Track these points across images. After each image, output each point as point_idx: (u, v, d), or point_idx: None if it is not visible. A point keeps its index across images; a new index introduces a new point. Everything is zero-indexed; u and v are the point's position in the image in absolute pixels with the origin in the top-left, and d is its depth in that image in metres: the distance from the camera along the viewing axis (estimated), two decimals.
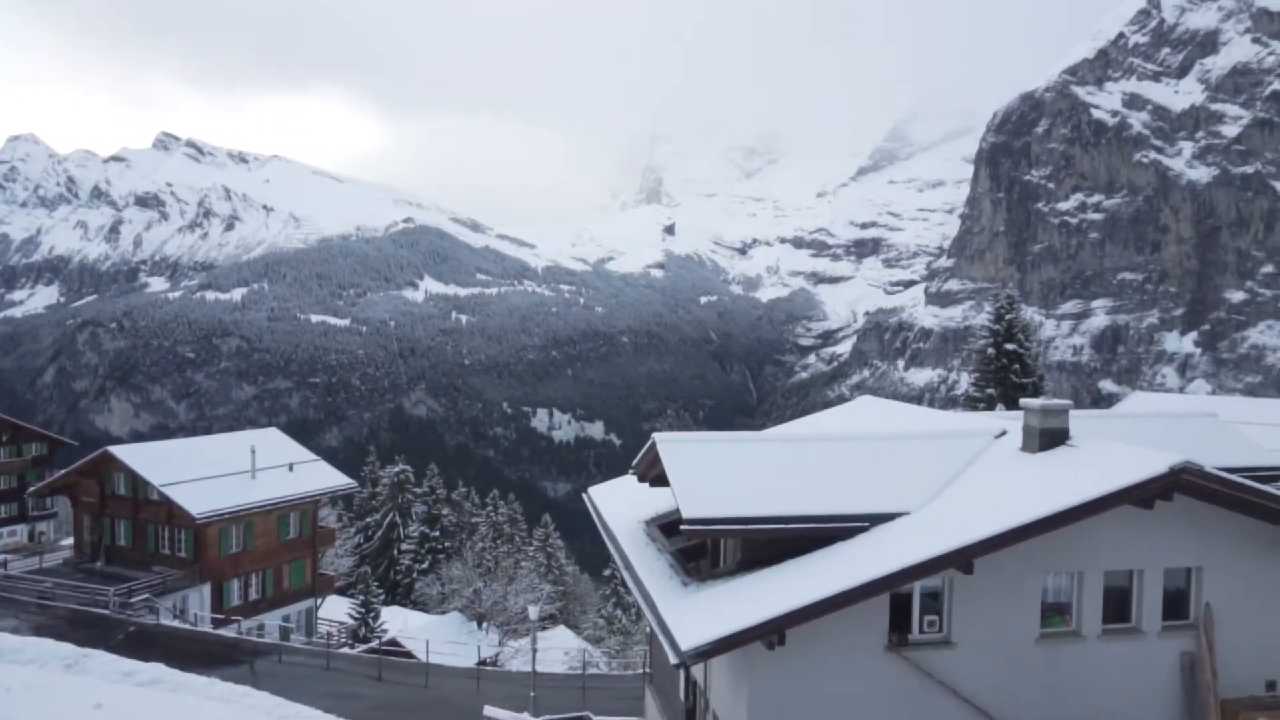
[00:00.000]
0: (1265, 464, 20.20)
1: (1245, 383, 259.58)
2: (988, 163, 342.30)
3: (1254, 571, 15.85)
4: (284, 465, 52.67)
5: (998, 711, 15.22)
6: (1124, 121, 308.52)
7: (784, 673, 14.83)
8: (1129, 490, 14.39)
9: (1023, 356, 47.82)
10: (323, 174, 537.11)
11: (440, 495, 78.15)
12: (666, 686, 22.74)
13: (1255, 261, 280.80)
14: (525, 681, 35.94)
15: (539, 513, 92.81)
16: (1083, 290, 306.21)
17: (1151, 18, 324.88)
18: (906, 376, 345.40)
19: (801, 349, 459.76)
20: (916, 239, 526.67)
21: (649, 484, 20.18)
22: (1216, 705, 15.50)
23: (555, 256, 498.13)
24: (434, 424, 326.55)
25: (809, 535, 16.27)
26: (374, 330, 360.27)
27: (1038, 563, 15.29)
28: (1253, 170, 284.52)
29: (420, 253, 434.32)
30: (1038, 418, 17.15)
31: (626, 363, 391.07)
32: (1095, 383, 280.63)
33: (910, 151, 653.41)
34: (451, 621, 55.01)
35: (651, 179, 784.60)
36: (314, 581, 54.71)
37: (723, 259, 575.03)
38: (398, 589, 73.46)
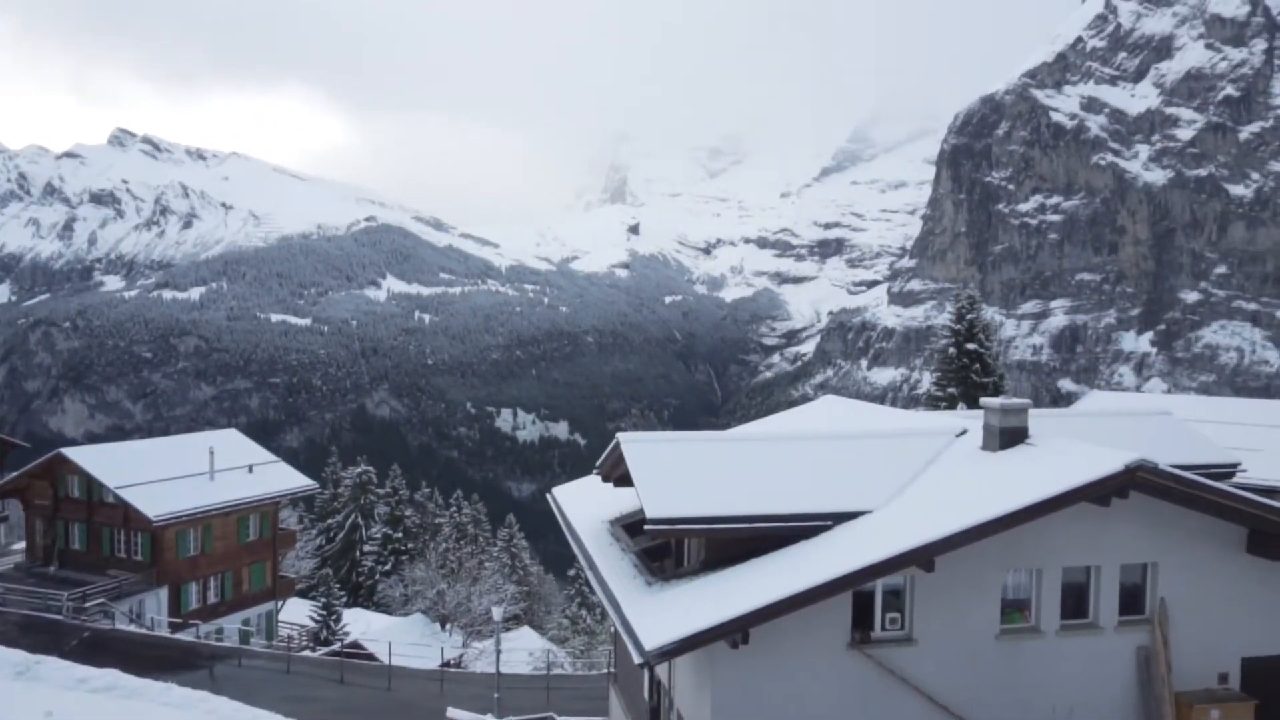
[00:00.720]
0: (1218, 461, 20.59)
1: (1199, 381, 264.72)
2: (949, 164, 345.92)
3: (1207, 567, 16.12)
4: (243, 467, 52.02)
5: (959, 707, 15.36)
6: (1082, 124, 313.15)
7: (747, 671, 14.86)
8: (1086, 488, 14.58)
9: (983, 356, 48.33)
10: (283, 171, 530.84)
11: (403, 496, 77.50)
12: (631, 686, 22.72)
13: (1209, 263, 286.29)
14: (489, 683, 35.76)
15: (503, 513, 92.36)
16: (1042, 291, 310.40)
17: (1108, 22, 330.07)
18: (870, 376, 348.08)
19: (766, 348, 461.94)
20: (879, 239, 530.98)
21: (613, 484, 20.15)
22: (1171, 698, 15.75)
23: (519, 256, 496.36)
24: (397, 424, 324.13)
25: (772, 534, 16.33)
26: (336, 330, 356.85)
27: (998, 560, 15.44)
28: (1206, 173, 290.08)
29: (383, 252, 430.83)
30: (997, 417, 17.33)
31: (591, 362, 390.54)
32: (1054, 382, 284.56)
33: (873, 153, 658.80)
34: (414, 623, 54.55)
35: (616, 179, 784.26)
36: (274, 584, 54.08)
37: (687, 259, 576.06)
38: (360, 591, 72.76)
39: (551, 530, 23.64)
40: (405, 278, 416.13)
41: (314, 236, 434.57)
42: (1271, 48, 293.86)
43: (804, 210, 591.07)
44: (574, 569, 70.08)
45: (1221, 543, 16.03)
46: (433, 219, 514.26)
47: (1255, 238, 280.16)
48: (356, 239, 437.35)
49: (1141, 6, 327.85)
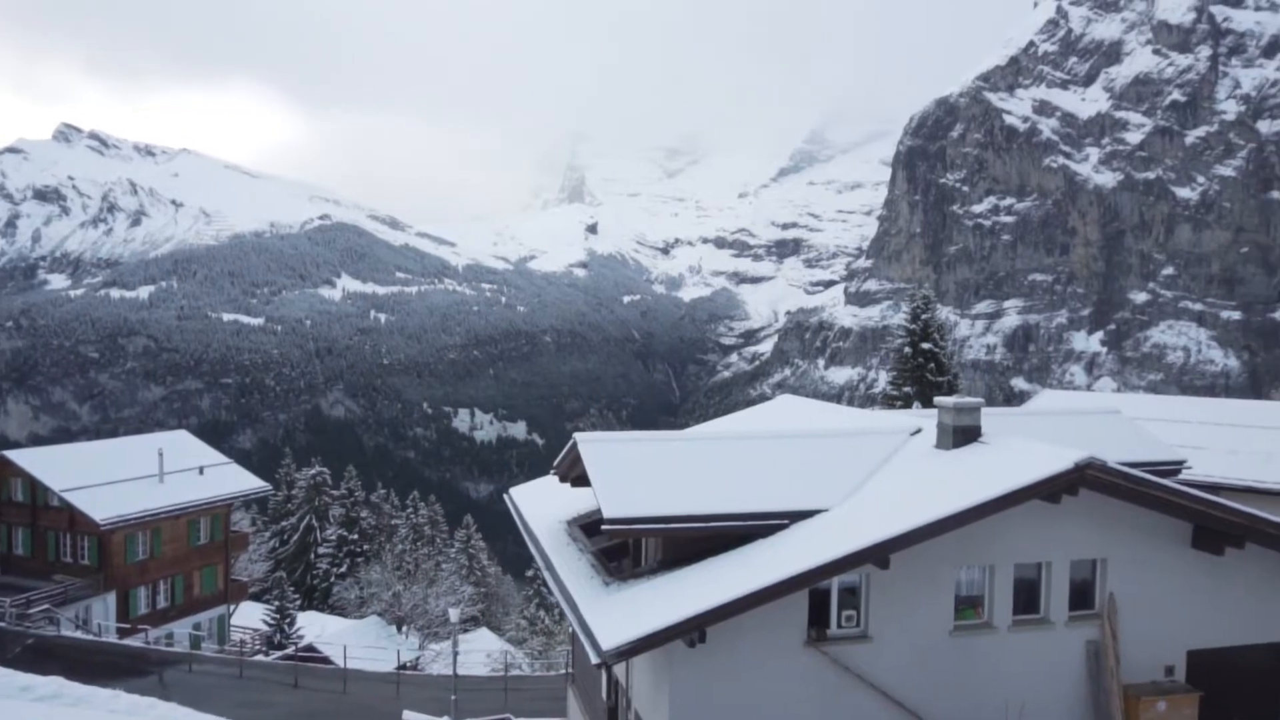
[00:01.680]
0: (1165, 459, 20.98)
1: (1148, 380, 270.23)
2: (904, 166, 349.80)
3: (1154, 562, 16.41)
4: (194, 469, 51.18)
5: (913, 703, 15.49)
6: (1034, 127, 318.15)
7: (705, 670, 14.87)
8: (1037, 486, 14.76)
9: (938, 355, 48.90)
10: (235, 169, 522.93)
11: (358, 497, 76.73)
12: (589, 686, 22.67)
13: (1157, 264, 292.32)
14: (446, 685, 35.49)
15: (460, 514, 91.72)
16: (996, 291, 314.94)
17: (1060, 27, 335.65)
18: (827, 375, 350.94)
19: (724, 348, 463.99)
20: (836, 240, 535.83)
21: (570, 484, 20.08)
22: (1119, 691, 16.02)
23: (476, 255, 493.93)
24: (352, 425, 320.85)
25: (730, 533, 16.36)
26: (289, 329, 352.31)
27: (951, 557, 15.59)
28: (1154, 176, 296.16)
29: (337, 250, 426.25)
30: (951, 416, 17.50)
31: (549, 362, 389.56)
32: (1008, 380, 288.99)
33: (829, 154, 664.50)
34: (370, 626, 54.00)
35: (574, 178, 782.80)
36: (226, 588, 53.28)
37: (645, 258, 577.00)
38: (314, 593, 71.92)
39: (509, 531, 23.52)
40: (360, 277, 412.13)
41: (267, 235, 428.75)
42: (1216, 54, 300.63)
43: (761, 211, 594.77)
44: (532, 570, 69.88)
45: (1168, 538, 16.32)
46: (388, 217, 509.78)
47: (1201, 240, 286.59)
48: (310, 237, 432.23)
49: (1091, 12, 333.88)
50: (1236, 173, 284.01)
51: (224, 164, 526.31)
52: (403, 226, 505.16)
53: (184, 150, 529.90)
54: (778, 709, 15.15)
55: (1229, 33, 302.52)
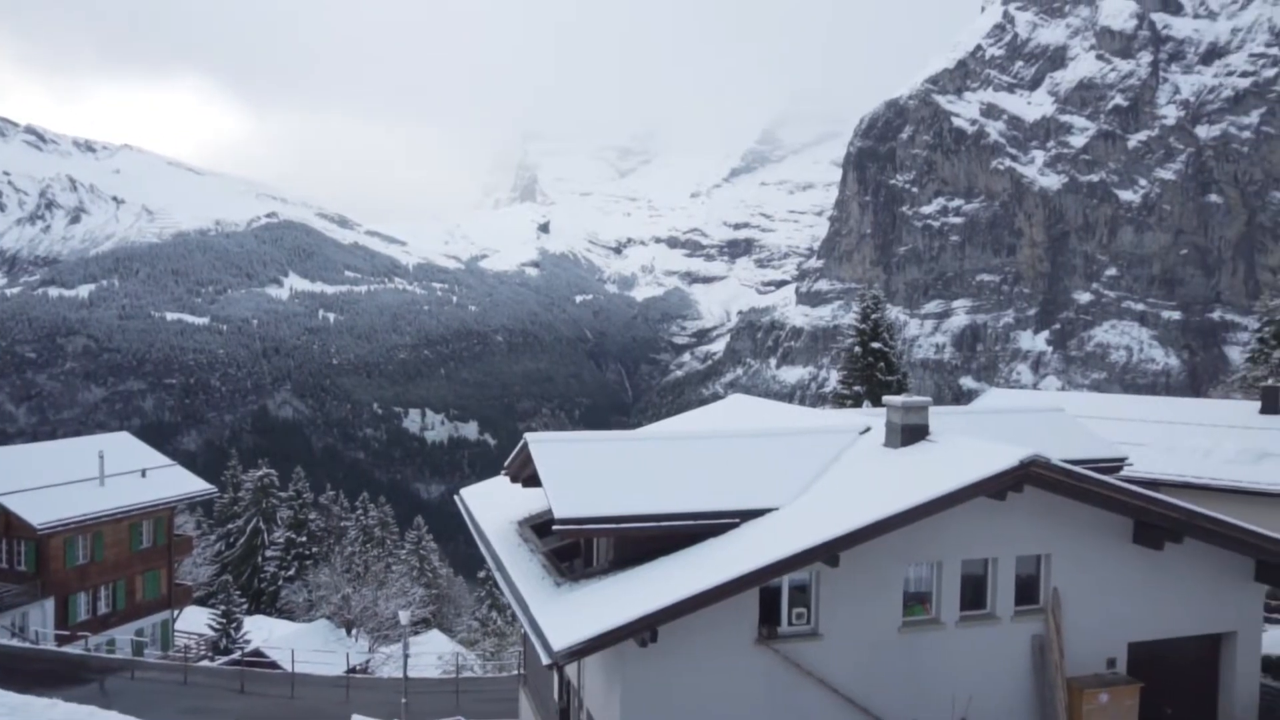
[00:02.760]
0: (1106, 456, 21.41)
1: (1092, 379, 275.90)
2: (855, 167, 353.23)
3: (1096, 557, 16.72)
4: (136, 471, 50.13)
5: (863, 699, 15.63)
6: (982, 130, 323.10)
7: (656, 669, 14.86)
8: (983, 483, 14.97)
9: (888, 355, 49.47)
10: (179, 165, 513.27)
11: (307, 499, 75.76)
12: (541, 687, 22.58)
13: (1100, 265, 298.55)
14: (396, 688, 35.17)
15: (411, 515, 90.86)
16: (944, 291, 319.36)
17: (1006, 31, 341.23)
18: (779, 374, 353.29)
19: (676, 347, 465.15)
20: (787, 240, 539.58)
21: (522, 484, 20.00)
22: (1064, 683, 16.30)
23: (427, 254, 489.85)
24: (300, 426, 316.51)
25: (681, 532, 16.38)
26: (235, 329, 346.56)
27: (900, 554, 15.75)
28: (1098, 179, 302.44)
29: (285, 249, 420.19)
30: (899, 414, 17.69)
31: (501, 362, 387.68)
32: (956, 379, 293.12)
33: (781, 154, 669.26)
34: (319, 629, 53.32)
35: (525, 177, 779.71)
36: (170, 592, 52.28)
37: (598, 258, 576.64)
38: (262, 597, 70.87)
39: (461, 532, 23.36)
40: (309, 275, 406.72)
41: (212, 233, 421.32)
42: (1156, 60, 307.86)
43: (714, 210, 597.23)
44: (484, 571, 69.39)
45: (1110, 533, 16.64)
46: (337, 216, 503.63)
47: (1143, 241, 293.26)
48: (257, 235, 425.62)
49: (1037, 17, 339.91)
50: (1176, 176, 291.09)
51: (167, 160, 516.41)
52: (352, 225, 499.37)
53: (125, 146, 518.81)
54: (729, 707, 15.19)
55: (1169, 39, 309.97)
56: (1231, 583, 17.42)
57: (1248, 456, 30.70)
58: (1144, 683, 16.63)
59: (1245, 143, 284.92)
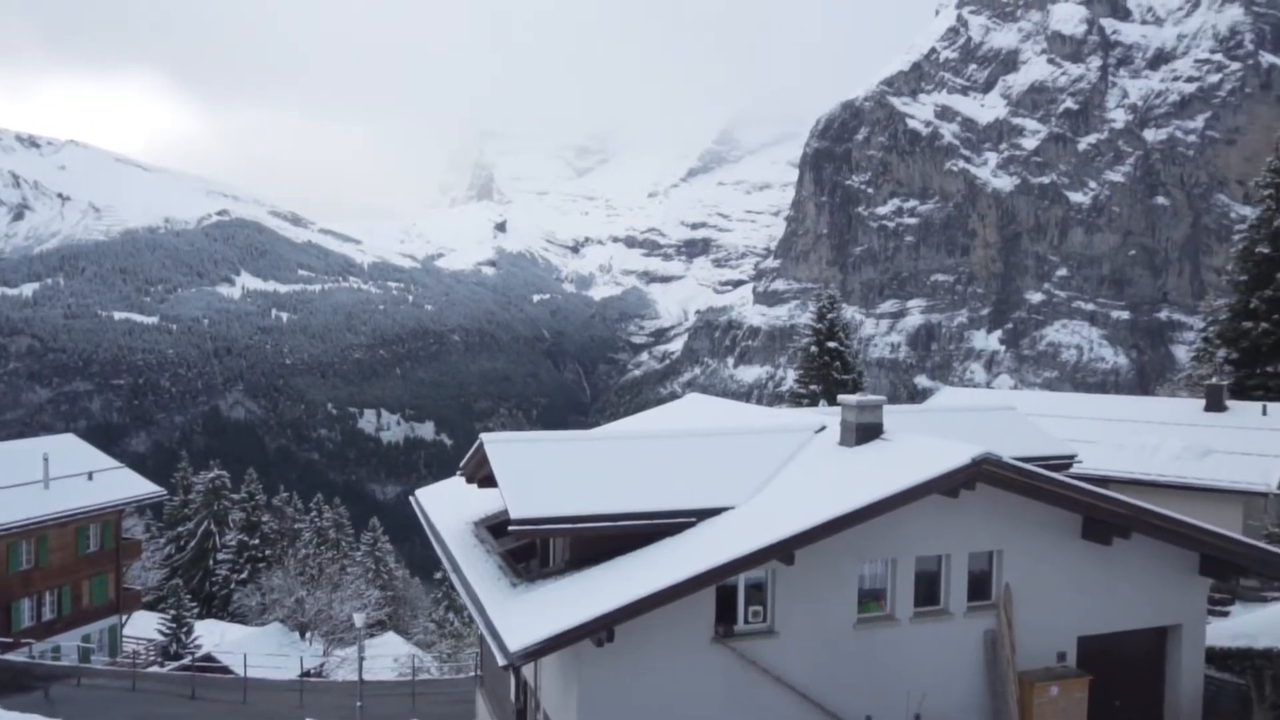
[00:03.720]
0: (1057, 453, 21.75)
1: (1043, 377, 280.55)
2: (811, 167, 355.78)
3: (1047, 553, 16.97)
4: (82, 474, 49.05)
5: (818, 696, 15.72)
6: (936, 132, 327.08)
7: (613, 669, 14.83)
8: (937, 481, 15.12)
9: (843, 354, 49.87)
10: (127, 161, 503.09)
11: (260, 501, 74.62)
12: (498, 688, 22.45)
13: (1051, 265, 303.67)
14: (351, 691, 34.78)
15: (367, 516, 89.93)
16: (899, 291, 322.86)
17: (960, 35, 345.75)
18: (736, 374, 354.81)
19: (634, 347, 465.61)
20: (745, 240, 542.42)
21: (478, 485, 19.86)
22: (1015, 677, 16.54)
23: (382, 253, 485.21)
24: (253, 427, 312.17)
25: (637, 532, 16.36)
26: (185, 329, 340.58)
27: (855, 552, 15.86)
28: (1049, 181, 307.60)
29: (236, 247, 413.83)
30: (854, 413, 17.82)
31: (458, 361, 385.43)
32: (911, 378, 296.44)
33: (738, 154, 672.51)
34: (272, 633, 52.59)
35: (482, 175, 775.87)
36: (118, 597, 51.25)
37: (555, 257, 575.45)
38: (214, 601, 69.76)
39: (418, 533, 23.18)
40: (261, 274, 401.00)
41: (161, 230, 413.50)
42: (1105, 65, 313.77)
43: (671, 210, 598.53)
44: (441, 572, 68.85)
45: (1060, 530, 16.89)
46: (290, 214, 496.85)
47: (1092, 242, 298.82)
48: (208, 233, 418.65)
49: (990, 21, 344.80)
50: (1125, 178, 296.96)
51: (114, 156, 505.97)
52: (305, 223, 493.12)
53: (71, 142, 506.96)
54: (686, 706, 15.20)
55: (1117, 44, 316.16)
56: (1177, 577, 17.78)
57: (1193, 453, 31.37)
58: (1093, 675, 16.93)
59: (1191, 146, 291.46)
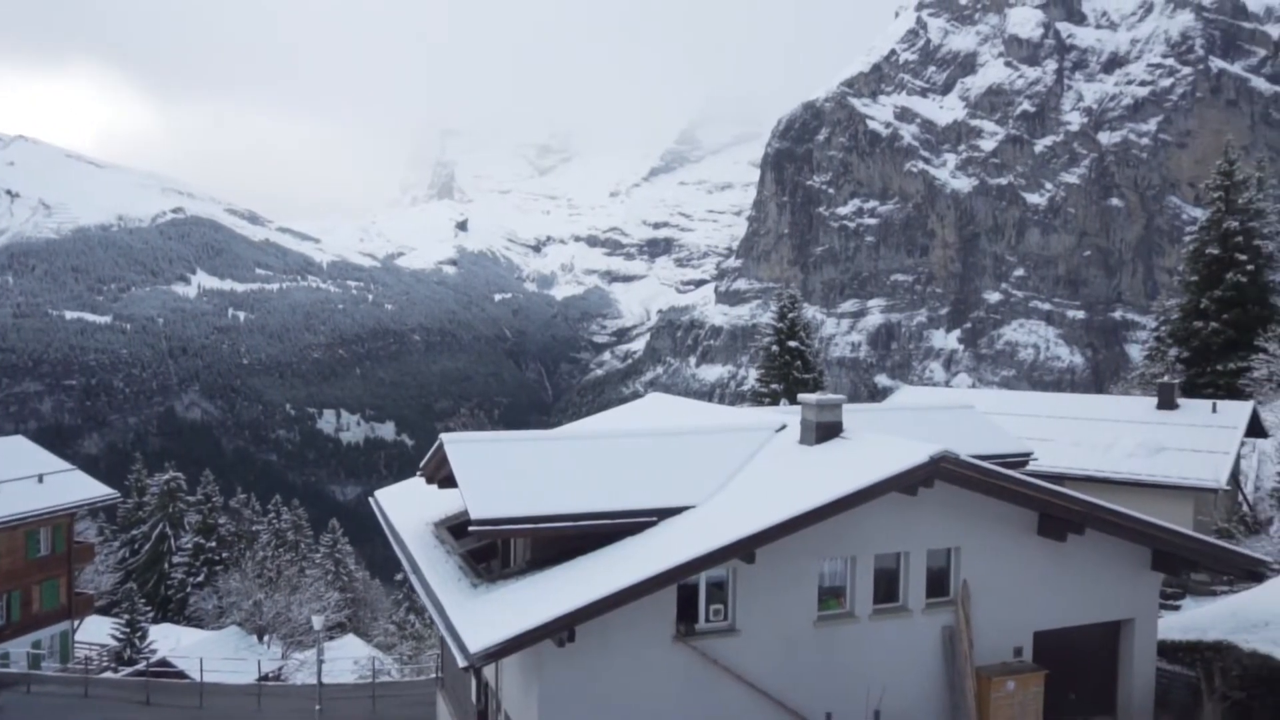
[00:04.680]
0: (1014, 451, 22.01)
1: (1001, 376, 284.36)
2: (773, 167, 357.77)
3: (1004, 549, 17.17)
4: (32, 476, 48.03)
5: (779, 693, 15.78)
6: (896, 133, 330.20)
7: (574, 669, 14.79)
8: (896, 479, 15.23)
9: (804, 353, 50.21)
10: (78, 158, 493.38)
11: (217, 503, 73.64)
12: (459, 690, 22.32)
13: (1009, 265, 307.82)
14: (310, 695, 34.46)
15: (326, 518, 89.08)
16: (860, 290, 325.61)
17: (919, 37, 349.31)
18: (698, 373, 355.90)
19: (597, 346, 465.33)
20: (706, 239, 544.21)
21: (438, 485, 19.71)
22: (972, 673, 16.72)
23: (342, 251, 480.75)
24: (209, 428, 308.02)
25: (598, 531, 16.33)
26: (140, 328, 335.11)
27: (815, 549, 15.94)
28: (1006, 182, 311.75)
29: (192, 245, 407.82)
30: (814, 412, 17.91)
31: (418, 361, 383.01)
32: (871, 377, 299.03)
33: (700, 154, 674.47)
34: (229, 636, 51.94)
35: (443, 174, 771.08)
36: (70, 602, 50.27)
37: (517, 256, 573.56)
38: (169, 605, 68.72)
39: (378, 534, 23.01)
40: (218, 273, 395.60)
41: (114, 228, 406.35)
42: (1061, 68, 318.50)
43: (633, 209, 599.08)
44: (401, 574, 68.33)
45: (1016, 526, 17.10)
46: (247, 212, 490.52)
47: (1049, 243, 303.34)
48: (163, 231, 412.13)
49: (948, 24, 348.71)
50: (1080, 180, 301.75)
51: (65, 152, 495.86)
52: (263, 221, 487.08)
53: (19, 137, 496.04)
54: (648, 705, 15.19)
55: (1073, 48, 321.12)
56: (1129, 572, 18.08)
57: (1145, 450, 31.92)
58: (1048, 670, 17.16)
59: (1144, 149, 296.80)
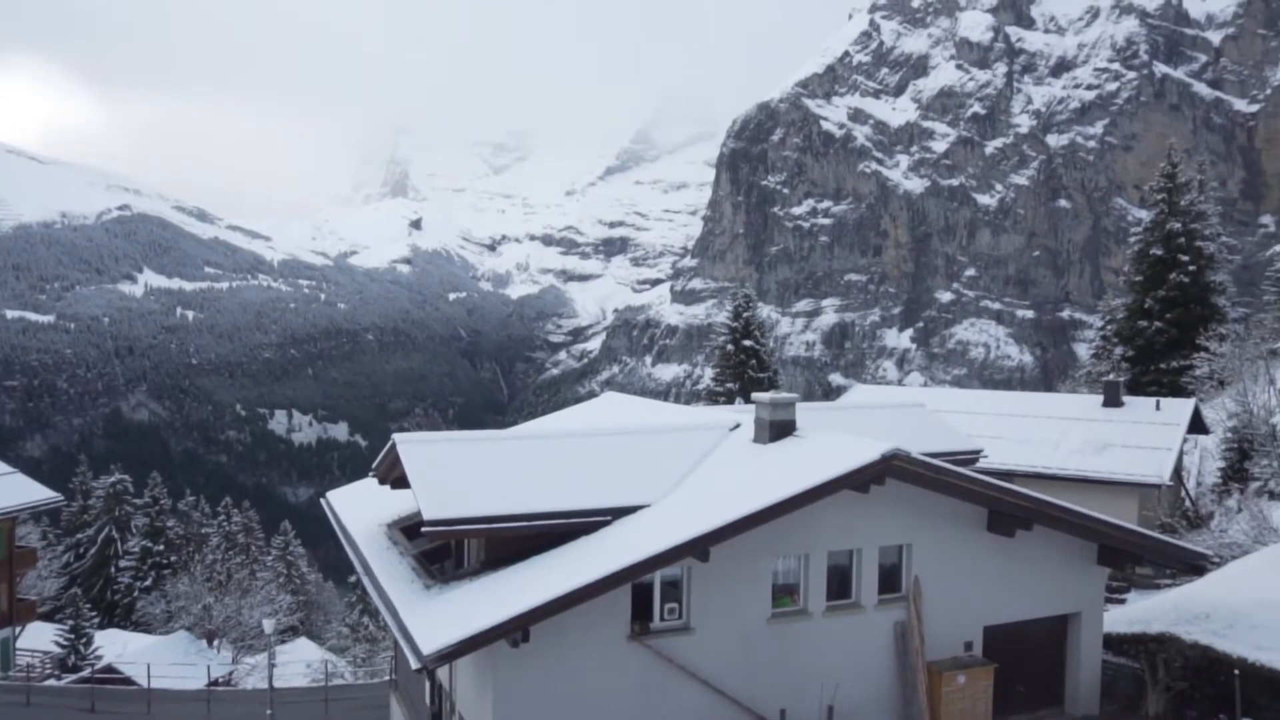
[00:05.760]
0: (964, 449, 22.34)
1: (953, 374, 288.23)
2: (728, 167, 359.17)
3: (954, 546, 17.42)
4: None
5: (734, 690, 15.86)
6: (849, 134, 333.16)
7: (529, 669, 14.75)
8: (847, 476, 15.38)
9: (759, 352, 50.52)
10: (19, 153, 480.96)
11: (165, 506, 72.27)
12: (413, 692, 22.16)
13: (960, 265, 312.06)
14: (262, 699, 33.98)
15: (278, 520, 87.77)
16: (814, 290, 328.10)
17: (872, 39, 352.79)
18: (654, 372, 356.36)
19: (552, 346, 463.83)
20: (662, 239, 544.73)
21: (390, 486, 19.54)
22: (924, 667, 16.94)
23: (293, 250, 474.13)
24: (157, 429, 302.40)
25: (553, 531, 16.29)
26: (84, 328, 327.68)
27: (769, 547, 16.04)
28: (958, 183, 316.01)
29: (139, 243, 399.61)
30: (767, 411, 18.03)
31: (372, 361, 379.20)
32: (826, 376, 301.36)
33: (655, 154, 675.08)
34: (178, 641, 51.02)
35: (396, 172, 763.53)
36: (11, 608, 49.08)
37: (472, 255, 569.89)
38: (116, 610, 67.31)
39: (331, 536, 22.74)
40: (165, 271, 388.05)
41: (57, 225, 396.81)
42: (1011, 71, 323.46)
43: (589, 209, 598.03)
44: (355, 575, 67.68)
45: (966, 523, 17.35)
46: (196, 209, 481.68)
47: (999, 244, 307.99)
48: (108, 229, 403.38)
49: (901, 27, 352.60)
50: (1029, 182, 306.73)
51: (6, 148, 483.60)
52: (212, 219, 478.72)
53: None
54: (603, 702, 15.20)
55: (1022, 52, 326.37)
56: (1076, 566, 18.43)
57: (1091, 447, 32.56)
58: (998, 663, 17.45)
59: (1091, 151, 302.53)
